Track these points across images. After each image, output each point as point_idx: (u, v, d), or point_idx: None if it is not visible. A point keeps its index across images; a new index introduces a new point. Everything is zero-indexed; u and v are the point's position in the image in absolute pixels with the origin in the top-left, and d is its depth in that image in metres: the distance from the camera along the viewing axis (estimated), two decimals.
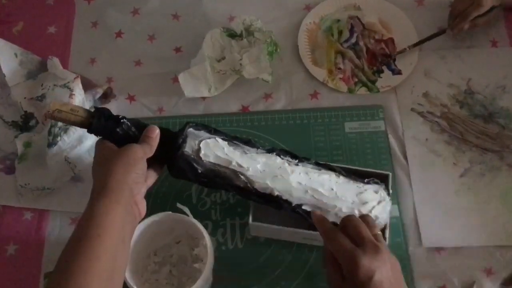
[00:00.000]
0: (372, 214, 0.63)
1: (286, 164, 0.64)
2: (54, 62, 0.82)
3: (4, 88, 0.81)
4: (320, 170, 0.65)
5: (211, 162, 0.63)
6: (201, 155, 0.62)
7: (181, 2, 0.90)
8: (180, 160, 0.62)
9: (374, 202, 0.64)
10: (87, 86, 0.80)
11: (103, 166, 0.58)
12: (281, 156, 0.65)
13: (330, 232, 0.57)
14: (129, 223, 0.57)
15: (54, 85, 0.79)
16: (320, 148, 0.78)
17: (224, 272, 0.69)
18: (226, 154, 0.63)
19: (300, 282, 0.69)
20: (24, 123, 0.80)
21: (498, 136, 0.77)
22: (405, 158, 0.77)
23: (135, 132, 0.62)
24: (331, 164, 0.67)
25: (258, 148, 0.65)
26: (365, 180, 0.66)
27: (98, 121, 0.60)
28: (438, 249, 0.70)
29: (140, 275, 0.65)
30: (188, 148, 0.62)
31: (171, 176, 0.65)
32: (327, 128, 0.79)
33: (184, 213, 0.65)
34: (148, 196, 0.62)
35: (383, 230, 0.65)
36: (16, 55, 0.81)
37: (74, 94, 0.77)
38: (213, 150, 0.62)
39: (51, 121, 0.74)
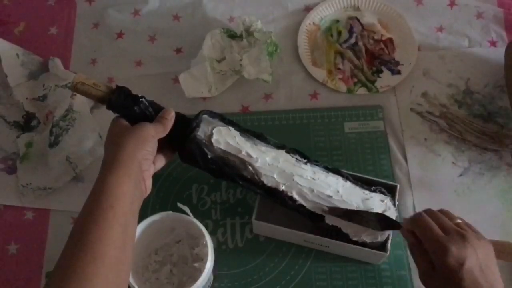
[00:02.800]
0: None
1: (295, 162, 0.65)
2: (56, 63, 0.82)
3: (6, 88, 0.81)
4: (327, 172, 0.66)
5: (221, 149, 0.64)
6: (212, 140, 0.63)
7: (181, 3, 0.91)
8: (191, 143, 0.63)
9: (379, 211, 0.64)
10: None
11: (115, 141, 0.59)
12: (291, 154, 0.66)
13: (417, 218, 0.58)
14: (137, 198, 0.58)
15: (56, 85, 0.79)
16: (319, 148, 0.78)
17: (224, 271, 0.70)
18: (237, 143, 0.64)
19: (299, 282, 0.69)
20: (26, 123, 0.80)
21: (497, 136, 0.78)
22: (405, 158, 0.77)
23: (151, 112, 0.63)
24: (339, 169, 0.67)
25: (268, 143, 0.66)
26: (372, 188, 0.66)
27: (118, 98, 0.62)
28: None
29: (140, 274, 0.65)
30: (200, 132, 0.64)
31: (172, 174, 0.65)
32: (327, 128, 0.79)
33: (185, 212, 0.65)
34: (149, 195, 0.63)
35: (386, 240, 0.65)
36: (17, 55, 0.82)
37: (75, 95, 0.77)
38: (225, 137, 0.64)
39: (52, 121, 0.75)
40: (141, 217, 0.63)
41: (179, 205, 0.66)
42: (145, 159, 0.59)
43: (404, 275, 0.69)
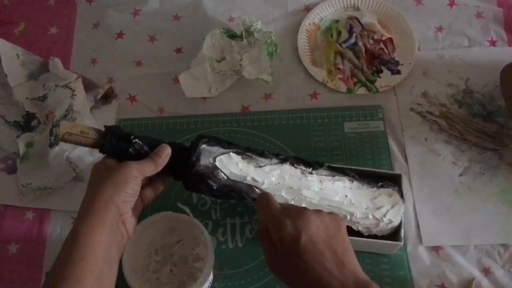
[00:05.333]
0: (386, 218, 0.65)
1: (300, 174, 0.65)
2: (56, 63, 0.82)
3: (6, 88, 0.82)
4: (334, 176, 0.66)
5: (226, 178, 0.63)
6: (215, 172, 0.62)
7: (181, 3, 0.91)
8: (195, 178, 0.62)
9: (388, 206, 0.65)
10: (89, 86, 0.81)
11: (95, 184, 0.57)
12: (295, 166, 0.65)
13: (258, 197, 0.57)
14: (115, 244, 0.56)
15: (56, 85, 0.79)
16: (319, 148, 0.78)
17: (224, 271, 0.70)
18: (241, 169, 0.63)
19: None
20: (26, 123, 0.80)
21: (497, 135, 0.78)
22: (405, 157, 0.77)
23: (147, 151, 0.61)
24: (344, 167, 0.67)
25: (271, 159, 0.65)
26: (379, 184, 0.66)
27: (110, 142, 0.60)
28: (437, 248, 0.70)
29: (140, 274, 0.65)
30: (202, 166, 0.62)
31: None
32: (327, 128, 0.79)
33: (185, 212, 0.66)
34: None
35: (397, 230, 0.66)
36: (18, 55, 0.82)
37: (75, 95, 0.78)
38: (228, 166, 0.63)
39: (52, 121, 0.75)
40: (141, 217, 0.63)
41: (179, 205, 0.66)
42: (124, 202, 0.56)
43: (404, 275, 0.69)
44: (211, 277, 0.65)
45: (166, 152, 0.61)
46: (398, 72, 0.83)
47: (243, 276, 0.70)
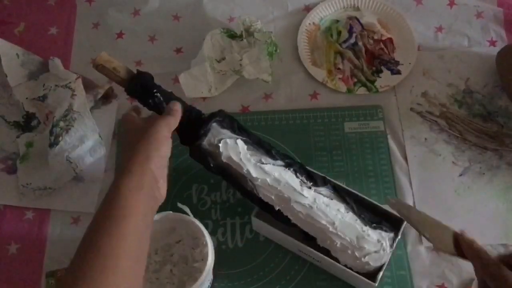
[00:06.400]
0: (365, 259, 0.62)
1: (298, 185, 0.64)
2: (56, 63, 0.82)
3: (6, 88, 0.82)
4: (331, 199, 0.64)
5: (224, 162, 0.64)
6: (217, 152, 0.64)
7: (181, 3, 0.91)
8: (196, 150, 0.64)
9: (371, 250, 0.62)
10: (88, 86, 0.81)
11: (129, 145, 0.59)
12: (297, 175, 0.65)
13: (492, 265, 0.49)
14: (151, 209, 0.56)
15: (56, 85, 0.79)
16: (319, 148, 0.78)
17: (224, 271, 0.70)
18: (240, 159, 0.63)
19: (299, 281, 0.69)
20: (26, 123, 0.80)
21: (497, 135, 0.78)
22: (405, 158, 0.77)
23: (165, 107, 0.64)
24: (349, 191, 0.66)
25: (276, 160, 0.65)
26: (373, 225, 0.64)
27: (134, 87, 0.64)
28: None
29: None
30: (206, 142, 0.64)
31: (172, 174, 0.65)
32: (327, 128, 0.79)
33: (185, 212, 0.66)
34: None
35: (376, 271, 0.63)
36: (17, 55, 0.82)
37: (75, 95, 0.77)
38: (230, 151, 0.63)
39: (52, 121, 0.75)
40: None
41: (179, 205, 0.66)
42: (158, 168, 0.57)
43: (404, 275, 0.69)
44: (211, 277, 0.65)
45: (177, 104, 0.64)
46: (398, 72, 0.83)
47: (243, 276, 0.70)
